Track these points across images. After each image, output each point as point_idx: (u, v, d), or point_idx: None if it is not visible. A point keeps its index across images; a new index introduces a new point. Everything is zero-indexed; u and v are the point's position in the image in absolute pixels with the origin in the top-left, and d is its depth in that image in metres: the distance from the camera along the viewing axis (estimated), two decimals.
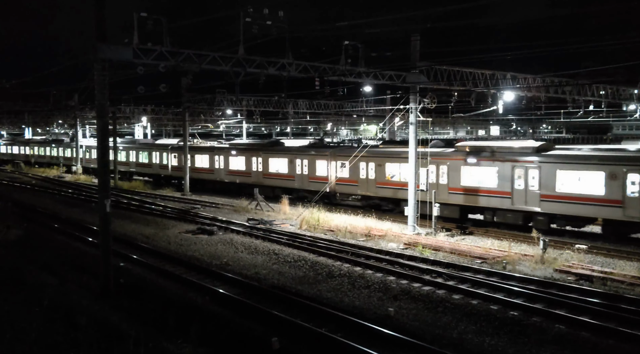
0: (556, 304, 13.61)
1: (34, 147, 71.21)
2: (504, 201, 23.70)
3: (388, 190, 28.59)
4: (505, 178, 23.55)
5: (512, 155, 23.65)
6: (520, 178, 23.15)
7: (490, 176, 24.18)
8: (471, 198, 24.89)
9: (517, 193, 23.16)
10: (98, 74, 14.29)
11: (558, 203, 22.09)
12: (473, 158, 24.81)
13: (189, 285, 15.36)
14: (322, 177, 31.70)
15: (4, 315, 10.14)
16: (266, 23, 20.88)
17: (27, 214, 27.72)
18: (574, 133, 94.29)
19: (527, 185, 22.93)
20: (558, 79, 29.71)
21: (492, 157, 24.22)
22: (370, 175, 29.31)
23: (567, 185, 21.85)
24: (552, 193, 22.23)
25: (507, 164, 23.56)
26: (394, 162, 28.37)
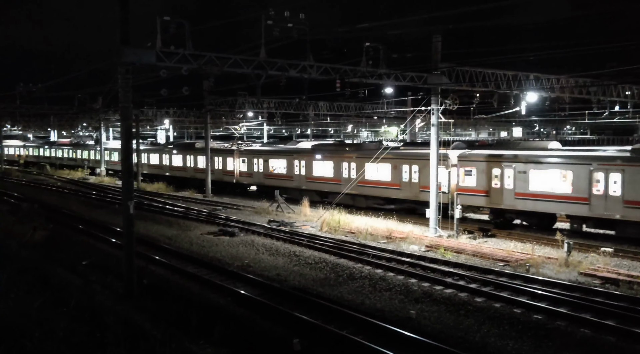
0: (581, 308, 13.40)
1: (59, 149, 72.48)
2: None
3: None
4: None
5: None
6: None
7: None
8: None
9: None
10: (122, 77, 14.50)
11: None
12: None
13: (211, 286, 15.48)
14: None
15: (32, 314, 10.34)
16: (287, 25, 20.97)
17: (53, 216, 28.21)
18: (599, 134, 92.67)
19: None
20: (583, 80, 29.26)
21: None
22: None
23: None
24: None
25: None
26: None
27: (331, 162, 32.56)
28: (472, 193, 25.15)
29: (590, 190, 21.40)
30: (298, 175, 34.84)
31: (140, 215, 27.34)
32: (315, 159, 33.82)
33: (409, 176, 28.01)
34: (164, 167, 49.58)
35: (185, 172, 46.62)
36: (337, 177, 31.89)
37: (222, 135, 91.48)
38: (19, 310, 10.47)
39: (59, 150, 72.22)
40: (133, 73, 15.54)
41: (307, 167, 34.17)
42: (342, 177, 31.45)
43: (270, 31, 20.98)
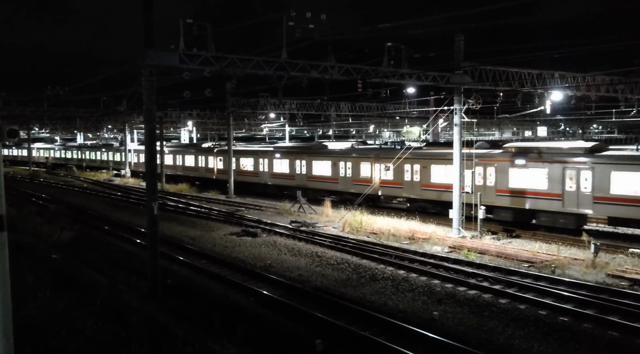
0: (609, 310, 13.15)
1: (85, 151, 73.74)
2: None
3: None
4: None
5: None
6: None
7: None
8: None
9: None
10: (146, 80, 14.69)
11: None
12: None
13: (233, 286, 15.58)
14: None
15: (59, 313, 10.53)
16: (308, 26, 21.01)
17: (79, 216, 28.71)
18: (626, 133, 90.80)
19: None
20: (609, 77, 28.69)
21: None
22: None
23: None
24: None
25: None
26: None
27: (287, 160, 37.68)
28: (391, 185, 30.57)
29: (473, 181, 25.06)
30: (262, 172, 40.20)
31: (164, 216, 27.66)
32: (275, 158, 38.99)
33: (344, 171, 33.13)
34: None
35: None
36: (292, 173, 37.16)
37: (245, 137, 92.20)
38: (46, 309, 10.67)
39: (84, 152, 73.48)
40: (157, 75, 15.73)
41: (269, 165, 39.49)
42: (295, 173, 36.90)
43: (292, 32, 21.06)
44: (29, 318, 9.90)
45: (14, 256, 7.95)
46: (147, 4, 13.79)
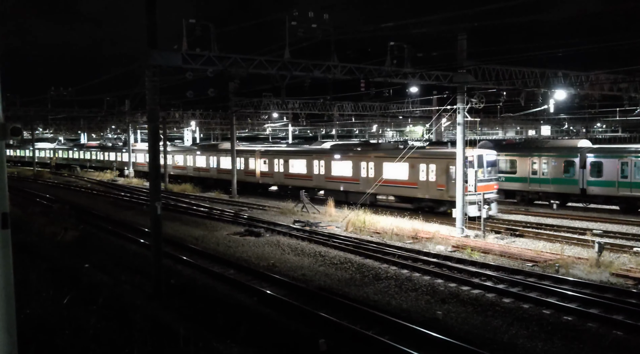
0: (613, 310, 13.10)
1: (88, 151, 73.91)
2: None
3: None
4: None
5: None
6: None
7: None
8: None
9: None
10: (149, 80, 14.70)
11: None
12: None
13: (237, 286, 15.59)
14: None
15: (63, 312, 10.56)
16: (311, 26, 21.03)
17: (83, 216, 28.78)
18: (630, 132, 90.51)
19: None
20: (613, 76, 28.63)
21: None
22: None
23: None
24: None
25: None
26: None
27: (267, 159, 40.66)
28: (300, 178, 37.10)
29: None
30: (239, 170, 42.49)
31: (168, 216, 27.69)
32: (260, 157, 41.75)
33: (318, 169, 35.82)
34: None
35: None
36: (270, 171, 40.03)
37: (248, 136, 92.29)
38: (50, 308, 10.70)
39: (88, 153, 73.65)
40: (160, 75, 15.76)
41: (253, 164, 42.13)
42: (274, 171, 39.74)
43: (295, 32, 21.08)
44: (33, 316, 9.93)
45: (18, 255, 7.97)
46: (150, 4, 13.80)
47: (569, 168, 30.50)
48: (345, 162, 33.75)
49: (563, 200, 31.40)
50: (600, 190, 29.39)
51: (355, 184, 32.89)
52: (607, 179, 28.90)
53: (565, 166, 30.62)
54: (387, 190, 30.95)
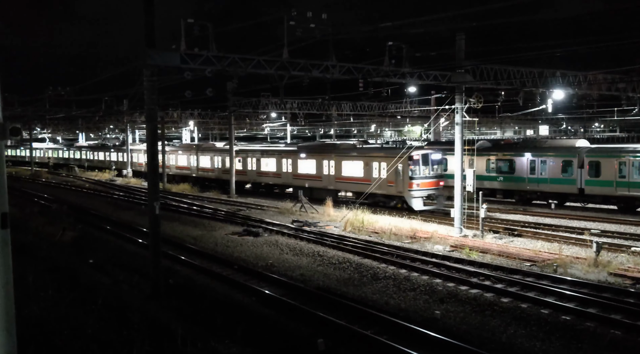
0: (611, 309, 13.13)
1: (86, 151, 73.81)
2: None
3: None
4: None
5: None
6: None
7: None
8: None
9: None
10: (147, 80, 14.70)
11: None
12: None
13: (235, 286, 15.59)
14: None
15: (61, 312, 10.56)
16: (310, 26, 21.07)
17: (81, 216, 28.75)
18: (628, 132, 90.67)
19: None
20: (611, 76, 28.68)
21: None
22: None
23: None
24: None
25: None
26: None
27: (240, 158, 42.25)
28: (271, 175, 39.64)
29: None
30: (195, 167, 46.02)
31: (166, 216, 27.67)
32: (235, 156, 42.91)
33: (286, 167, 37.85)
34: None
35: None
36: (244, 169, 41.79)
37: (247, 136, 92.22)
38: (49, 309, 10.70)
39: (86, 152, 73.57)
40: (158, 75, 15.75)
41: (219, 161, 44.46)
42: (247, 169, 41.81)
43: (293, 32, 21.13)
44: (32, 316, 9.93)
45: (16, 255, 7.96)
46: (148, 4, 13.80)
47: (567, 168, 30.55)
48: (309, 161, 36.07)
49: (561, 199, 31.45)
50: (598, 190, 29.45)
51: (318, 181, 35.24)
52: (605, 179, 28.95)
53: (563, 166, 30.67)
54: (346, 186, 33.69)
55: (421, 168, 29.27)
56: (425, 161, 29.46)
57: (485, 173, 33.46)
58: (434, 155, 30.21)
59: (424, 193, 28.64)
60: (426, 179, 29.12)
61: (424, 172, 29.35)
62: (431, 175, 29.46)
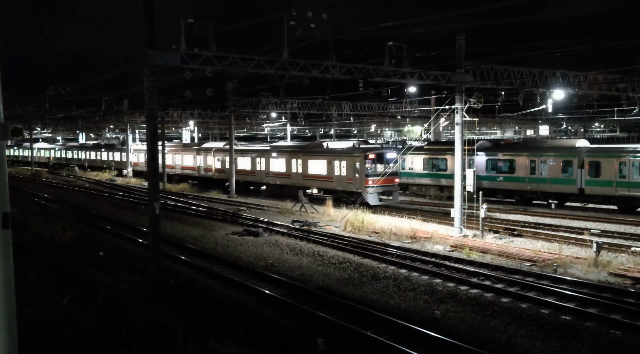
0: (611, 309, 13.13)
1: (87, 151, 73.79)
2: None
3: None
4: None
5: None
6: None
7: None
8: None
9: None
10: (147, 80, 14.70)
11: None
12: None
13: (235, 286, 15.60)
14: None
15: (61, 312, 10.57)
16: (310, 26, 21.08)
17: (81, 216, 28.75)
18: (628, 132, 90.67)
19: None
20: (611, 76, 28.68)
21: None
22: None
23: None
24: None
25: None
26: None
27: (219, 157, 44.36)
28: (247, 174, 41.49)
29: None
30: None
31: (166, 216, 27.69)
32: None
33: (260, 166, 39.97)
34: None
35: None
36: (223, 167, 43.74)
37: (247, 136, 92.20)
38: (49, 308, 10.70)
39: (86, 152, 73.54)
40: (158, 75, 15.76)
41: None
42: (225, 168, 43.21)
43: (293, 32, 21.14)
44: (32, 316, 9.93)
45: (16, 255, 7.96)
46: (148, 4, 13.80)
47: (567, 168, 30.55)
48: (280, 160, 38.20)
49: (561, 199, 31.45)
50: (599, 190, 29.45)
51: (288, 179, 37.39)
52: (605, 179, 28.96)
53: (564, 166, 30.67)
54: (312, 183, 35.67)
55: (376, 167, 31.62)
56: (380, 159, 32.03)
57: (485, 173, 33.48)
58: (389, 154, 32.89)
59: (379, 190, 31.10)
60: (381, 176, 30.67)
61: (379, 170, 31.29)
62: (386, 172, 30.82)
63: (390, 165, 31.84)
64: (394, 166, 31.97)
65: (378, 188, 31.01)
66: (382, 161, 32.12)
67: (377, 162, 31.92)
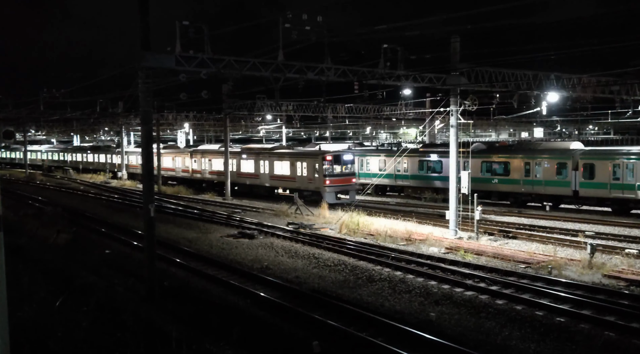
0: (605, 311, 13.16)
1: (81, 153, 73.54)
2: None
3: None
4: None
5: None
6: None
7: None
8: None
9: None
10: (142, 82, 14.67)
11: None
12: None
13: (230, 288, 15.56)
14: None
15: (55, 315, 10.52)
16: (305, 28, 21.08)
17: (76, 219, 28.64)
18: (622, 134, 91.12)
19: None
20: (605, 79, 28.83)
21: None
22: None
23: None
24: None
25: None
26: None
27: (196, 158, 46.68)
28: (221, 174, 42.15)
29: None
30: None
31: (161, 218, 27.61)
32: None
33: (232, 167, 41.34)
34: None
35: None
36: (199, 168, 46.16)
37: (242, 138, 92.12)
38: (43, 311, 10.65)
39: (81, 155, 73.29)
40: (153, 77, 15.73)
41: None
42: (202, 168, 46.13)
43: (288, 34, 21.11)
44: (25, 319, 9.88)
45: (10, 258, 7.92)
46: (143, 6, 13.79)
47: (561, 170, 30.66)
48: (249, 161, 40.49)
49: (556, 201, 31.55)
50: (593, 192, 29.55)
51: (256, 179, 39.73)
52: (599, 181, 29.08)
53: (558, 168, 30.78)
54: (278, 183, 38.04)
55: (334, 167, 33.89)
56: (337, 161, 34.27)
57: (480, 176, 33.56)
58: (346, 155, 35.33)
59: (337, 189, 33.57)
60: (339, 176, 33.63)
61: (337, 170, 33.88)
62: (344, 173, 33.94)
63: (348, 166, 34.55)
64: (351, 166, 34.74)
65: (336, 187, 33.45)
66: (340, 162, 34.25)
67: (334, 164, 33.97)
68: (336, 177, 33.52)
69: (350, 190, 34.08)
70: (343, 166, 34.40)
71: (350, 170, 34.72)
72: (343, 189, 33.94)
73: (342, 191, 33.90)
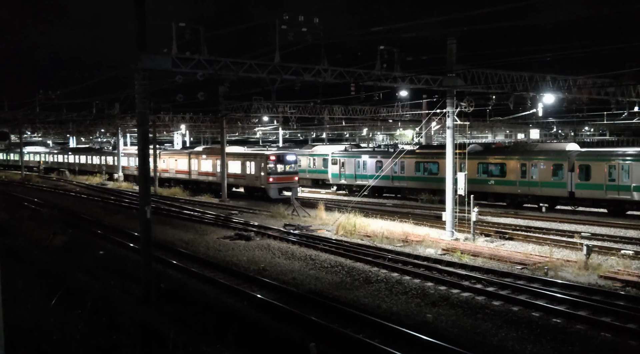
0: (601, 312, 13.19)
1: (77, 155, 73.33)
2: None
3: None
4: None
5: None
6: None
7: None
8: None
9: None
10: (139, 83, 14.66)
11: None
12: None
13: (227, 290, 15.54)
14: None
15: (51, 317, 10.48)
16: (301, 30, 21.10)
17: (72, 221, 28.55)
18: (618, 135, 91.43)
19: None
20: (600, 80, 28.93)
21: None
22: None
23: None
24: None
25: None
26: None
27: (165, 159, 49.82)
28: (185, 173, 46.89)
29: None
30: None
31: (158, 220, 27.55)
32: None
33: (194, 166, 45.41)
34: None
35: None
36: (167, 168, 49.23)
37: (238, 140, 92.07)
38: (38, 313, 10.61)
39: (77, 156, 73.08)
40: (150, 79, 15.70)
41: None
42: (169, 168, 49.13)
43: (285, 36, 21.14)
44: (21, 321, 9.84)
45: (5, 260, 7.89)
46: (139, 8, 13.78)
47: (557, 172, 30.73)
48: (208, 161, 43.66)
49: (552, 203, 31.61)
50: (589, 193, 29.63)
51: (214, 177, 42.80)
52: (595, 182, 29.16)
53: (554, 169, 30.85)
54: (232, 181, 40.93)
55: (277, 166, 37.68)
56: (280, 160, 38.11)
57: (477, 177, 33.61)
58: (289, 156, 39.28)
59: (280, 186, 37.29)
60: (281, 174, 37.52)
61: (280, 169, 37.72)
62: (286, 172, 37.71)
63: (292, 166, 38.59)
64: (294, 166, 38.78)
65: (279, 184, 37.42)
66: (283, 162, 38.22)
67: (277, 163, 37.90)
68: (279, 175, 37.43)
69: (293, 187, 37.18)
70: (287, 165, 38.25)
71: (293, 169, 38.50)
72: (285, 186, 37.27)
73: (285, 188, 37.05)
